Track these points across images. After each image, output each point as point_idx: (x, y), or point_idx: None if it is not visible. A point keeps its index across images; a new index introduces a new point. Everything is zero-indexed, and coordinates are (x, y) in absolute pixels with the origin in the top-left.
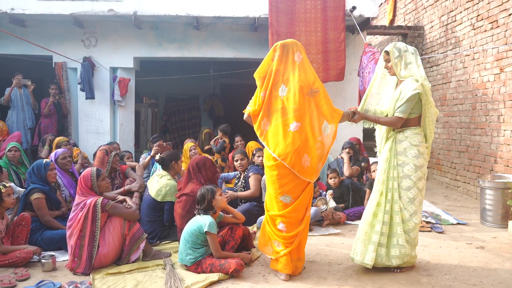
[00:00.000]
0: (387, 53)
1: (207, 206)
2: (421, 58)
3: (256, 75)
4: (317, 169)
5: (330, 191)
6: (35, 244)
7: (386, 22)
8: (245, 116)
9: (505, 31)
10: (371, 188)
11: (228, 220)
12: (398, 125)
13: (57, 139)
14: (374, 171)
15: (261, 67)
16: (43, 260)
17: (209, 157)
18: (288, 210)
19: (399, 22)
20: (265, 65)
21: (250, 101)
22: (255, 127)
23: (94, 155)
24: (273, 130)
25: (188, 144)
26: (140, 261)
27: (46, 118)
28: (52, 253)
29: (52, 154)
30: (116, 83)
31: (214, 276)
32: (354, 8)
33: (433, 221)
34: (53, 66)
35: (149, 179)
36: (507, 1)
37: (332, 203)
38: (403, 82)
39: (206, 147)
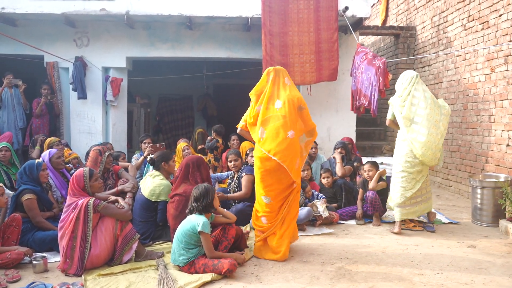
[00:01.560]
0: None
1: (210, 204)
2: (413, 58)
3: (252, 93)
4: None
5: (323, 199)
6: (26, 245)
7: (378, 23)
8: (238, 130)
9: (496, 31)
10: (364, 188)
11: (219, 221)
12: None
13: (49, 139)
14: (366, 171)
15: (257, 86)
16: (34, 262)
17: (202, 157)
18: (269, 209)
19: (391, 22)
20: (260, 85)
21: (243, 116)
22: (253, 136)
23: (87, 155)
24: (270, 135)
25: (181, 144)
26: (132, 262)
27: (38, 118)
28: (44, 254)
29: (46, 154)
30: (109, 83)
31: (207, 277)
32: (346, 8)
33: (425, 220)
34: (45, 65)
35: (141, 179)
36: (498, 2)
37: (325, 213)
38: None
39: (199, 147)
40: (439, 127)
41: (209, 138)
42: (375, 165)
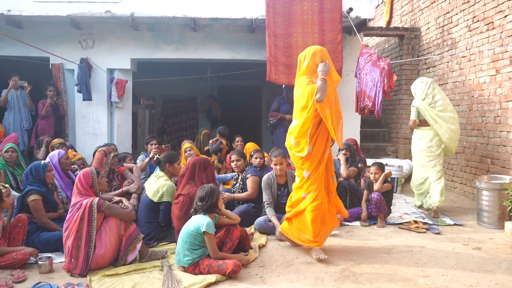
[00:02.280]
0: None
1: (214, 204)
2: (417, 60)
3: None
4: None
5: None
6: (32, 246)
7: (383, 24)
8: None
9: (501, 32)
10: (369, 189)
11: (223, 222)
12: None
13: (53, 141)
14: (372, 173)
15: None
16: (40, 262)
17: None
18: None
19: (395, 23)
20: None
21: None
22: None
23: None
24: None
25: (185, 145)
26: (137, 263)
27: (43, 120)
28: (49, 254)
29: (55, 154)
30: (113, 85)
31: (212, 278)
32: (351, 9)
33: (430, 222)
34: (50, 67)
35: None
36: (503, 3)
37: None
38: None
39: (206, 148)
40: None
41: (211, 141)
42: (381, 167)
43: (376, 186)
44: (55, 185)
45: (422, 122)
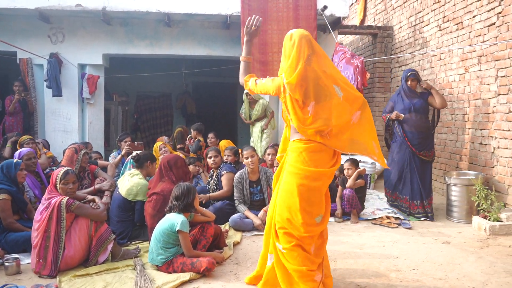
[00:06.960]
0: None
1: (190, 203)
2: (390, 58)
3: None
4: None
5: None
6: None
7: (357, 22)
8: None
9: (470, 32)
10: (343, 185)
11: (198, 219)
12: None
13: (22, 138)
14: (345, 169)
15: None
16: (6, 263)
17: (181, 155)
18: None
19: (369, 22)
20: None
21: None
22: None
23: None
24: None
25: (157, 143)
26: (109, 262)
27: (11, 116)
28: (16, 255)
29: (17, 153)
30: (85, 80)
31: (186, 276)
32: (325, 7)
33: (401, 217)
34: (18, 62)
35: (119, 178)
36: (471, 4)
37: None
38: None
39: (179, 146)
40: None
41: (187, 142)
42: (354, 163)
43: (348, 182)
44: (22, 184)
45: None
